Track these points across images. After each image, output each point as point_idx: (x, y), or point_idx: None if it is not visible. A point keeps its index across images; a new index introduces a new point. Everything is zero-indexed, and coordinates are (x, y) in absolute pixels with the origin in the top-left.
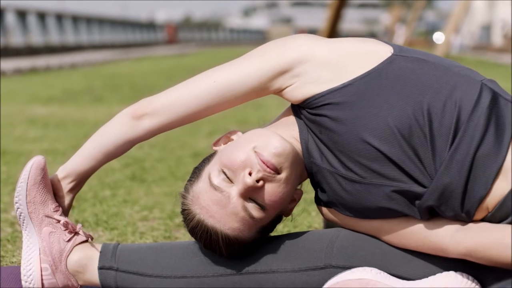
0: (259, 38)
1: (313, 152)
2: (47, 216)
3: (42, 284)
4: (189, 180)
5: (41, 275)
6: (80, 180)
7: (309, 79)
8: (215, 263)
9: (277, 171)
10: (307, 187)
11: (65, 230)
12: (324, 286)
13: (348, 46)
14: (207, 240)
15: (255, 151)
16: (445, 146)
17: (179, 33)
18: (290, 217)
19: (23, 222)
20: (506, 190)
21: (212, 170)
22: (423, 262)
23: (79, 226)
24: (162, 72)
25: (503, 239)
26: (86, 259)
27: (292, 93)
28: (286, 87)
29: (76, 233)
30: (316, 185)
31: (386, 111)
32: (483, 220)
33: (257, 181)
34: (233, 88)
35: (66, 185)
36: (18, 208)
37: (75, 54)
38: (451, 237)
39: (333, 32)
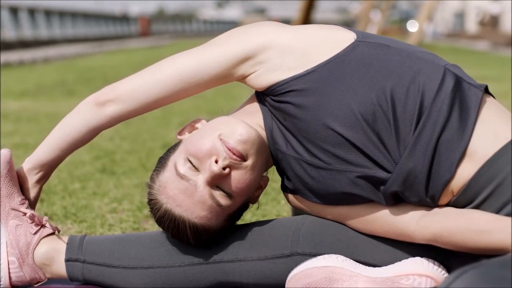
0: (233, 29)
1: (277, 139)
2: (13, 209)
3: (10, 277)
4: (155, 170)
5: (8, 269)
6: (47, 171)
7: (273, 66)
8: (182, 253)
9: (243, 158)
10: (276, 176)
11: (31, 222)
12: (290, 275)
13: (312, 33)
14: (175, 229)
15: (220, 139)
16: (409, 131)
17: (152, 25)
18: (256, 204)
19: None
20: (471, 174)
21: (178, 159)
22: (389, 248)
23: (45, 218)
24: (135, 65)
25: (468, 224)
26: (53, 251)
27: (256, 80)
28: (250, 74)
29: (43, 226)
30: (281, 172)
31: (349, 97)
32: (447, 204)
33: (224, 168)
34: (196, 75)
35: (32, 176)
36: None
37: (48, 48)
38: (416, 222)
39: (306, 22)
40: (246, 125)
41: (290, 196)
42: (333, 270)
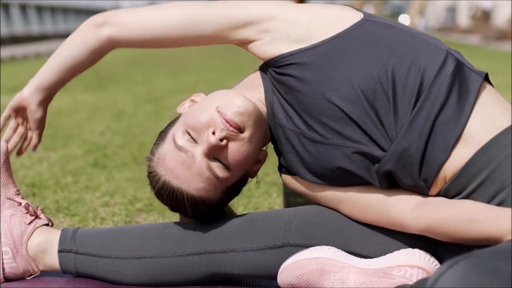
0: None
1: (278, 112)
2: (9, 199)
3: (3, 268)
4: (155, 144)
5: (2, 259)
6: (50, 93)
7: (278, 36)
8: (174, 244)
9: (240, 130)
10: (267, 168)
11: (26, 212)
12: (281, 266)
13: (319, 10)
14: (173, 201)
15: (218, 111)
16: (407, 110)
17: None
18: (256, 179)
19: None
20: (465, 159)
21: (176, 132)
22: (381, 240)
23: (40, 208)
24: (126, 60)
25: (459, 214)
26: (46, 242)
27: (260, 48)
28: (254, 40)
29: (37, 216)
30: (279, 150)
31: (352, 72)
32: (438, 194)
33: (221, 140)
34: (201, 26)
35: (36, 99)
36: None
37: (40, 44)
38: (411, 213)
39: None
40: (244, 97)
41: (286, 177)
42: (324, 261)
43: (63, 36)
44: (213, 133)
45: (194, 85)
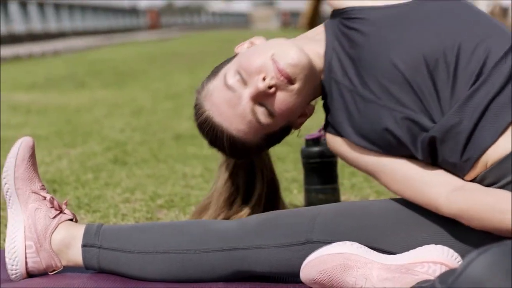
0: (242, 21)
1: (335, 68)
2: (34, 192)
3: (26, 262)
4: (207, 78)
5: (25, 253)
6: None
7: None
8: (197, 240)
9: (291, 81)
10: (289, 165)
11: (51, 207)
12: (304, 262)
13: None
14: (213, 137)
15: (272, 59)
16: (465, 87)
17: (161, 18)
18: (297, 132)
19: (10, 199)
20: (509, 149)
21: (229, 70)
22: (404, 236)
23: (64, 203)
24: (144, 57)
25: (497, 204)
26: (70, 237)
27: None
28: None
29: (62, 211)
30: (329, 106)
31: (419, 40)
32: (474, 180)
33: (270, 87)
34: None
35: None
36: (5, 183)
37: (58, 41)
38: (446, 195)
39: (315, 14)
40: (300, 50)
41: (330, 137)
42: (347, 257)
43: (81, 33)
44: (264, 79)
45: None
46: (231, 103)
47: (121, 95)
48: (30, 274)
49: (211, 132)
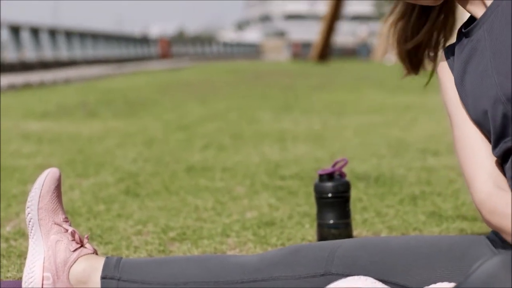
0: (252, 51)
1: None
2: (57, 224)
3: None
4: None
5: (42, 284)
6: None
7: None
8: (216, 273)
9: None
10: (301, 200)
11: (72, 240)
12: None
13: None
14: None
15: None
16: None
17: (172, 47)
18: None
19: (32, 229)
20: None
21: None
22: (421, 271)
23: (86, 237)
24: (156, 87)
25: None
26: (90, 269)
27: None
28: None
29: (83, 245)
30: (462, 33)
31: None
32: None
33: None
34: None
35: None
36: (29, 213)
37: (69, 69)
38: (487, 187)
39: (326, 45)
40: None
41: (441, 61)
42: None
43: (92, 62)
44: None
45: (226, 112)
46: None
47: (132, 125)
48: None
49: None
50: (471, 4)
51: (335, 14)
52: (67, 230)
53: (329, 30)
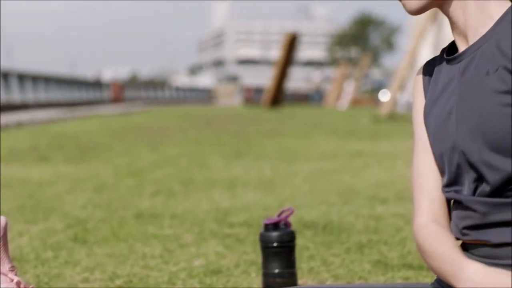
0: (205, 96)
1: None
2: (3, 274)
3: None
4: None
5: None
6: None
7: None
8: None
9: None
10: (248, 247)
11: None
12: None
13: None
14: None
15: None
16: None
17: (125, 91)
18: None
19: None
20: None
21: None
22: None
23: (31, 286)
24: (107, 131)
25: (444, 255)
26: None
27: None
28: None
29: None
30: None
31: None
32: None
33: None
34: None
35: None
36: None
37: (21, 113)
38: (424, 220)
39: (278, 90)
40: None
41: (418, 82)
42: None
43: (44, 105)
44: None
45: (177, 158)
46: None
47: (83, 170)
48: None
49: None
50: (456, 34)
51: (288, 60)
52: (12, 280)
53: (282, 75)
